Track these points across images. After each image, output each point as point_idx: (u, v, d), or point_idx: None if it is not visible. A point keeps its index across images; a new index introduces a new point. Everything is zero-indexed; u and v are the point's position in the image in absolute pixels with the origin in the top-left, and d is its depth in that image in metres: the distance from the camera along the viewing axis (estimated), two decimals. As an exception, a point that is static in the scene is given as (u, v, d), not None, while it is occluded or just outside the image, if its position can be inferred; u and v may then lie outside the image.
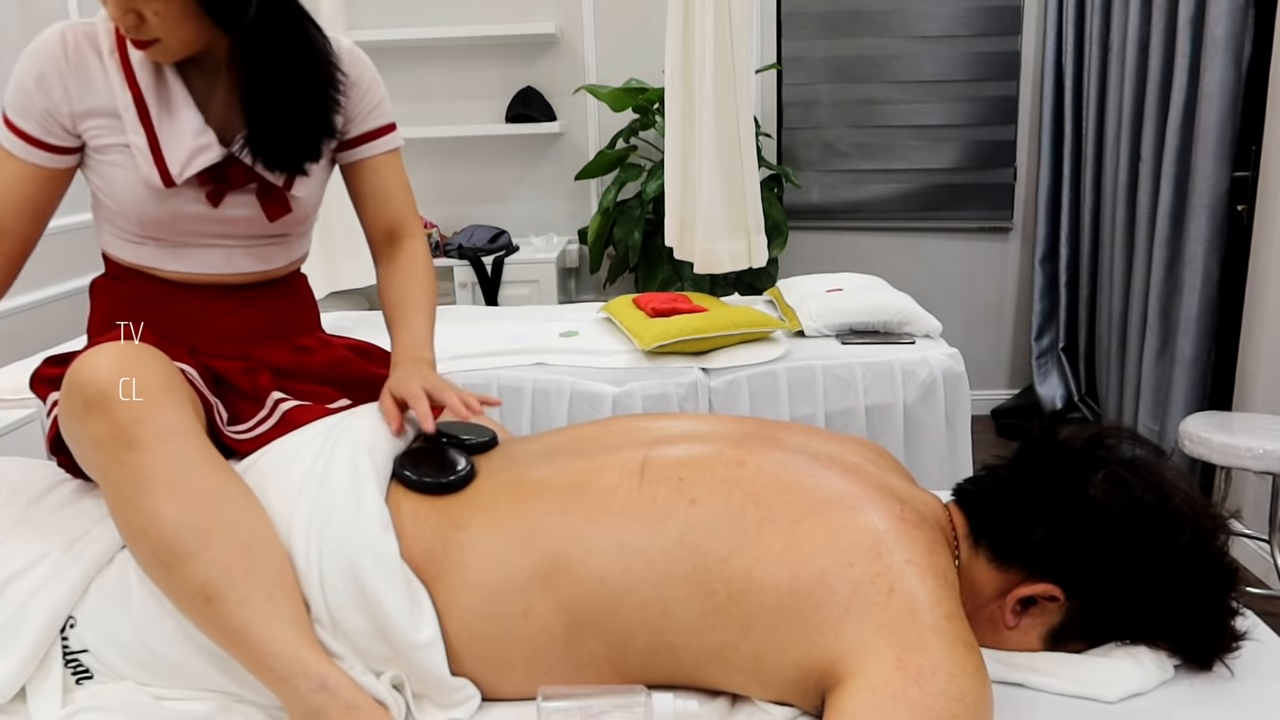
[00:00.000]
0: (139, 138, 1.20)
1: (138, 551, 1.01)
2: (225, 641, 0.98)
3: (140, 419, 1.00)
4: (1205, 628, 1.02)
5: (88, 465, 1.07)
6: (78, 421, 1.02)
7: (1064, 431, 1.06)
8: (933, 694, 0.84)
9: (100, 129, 1.21)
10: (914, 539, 0.94)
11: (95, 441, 1.00)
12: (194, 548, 0.98)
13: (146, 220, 1.24)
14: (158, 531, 0.98)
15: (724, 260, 2.85)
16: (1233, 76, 2.68)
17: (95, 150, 1.22)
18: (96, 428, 1.00)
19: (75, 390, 1.02)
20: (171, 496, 0.99)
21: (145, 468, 0.99)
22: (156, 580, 1.01)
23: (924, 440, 2.39)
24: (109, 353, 1.04)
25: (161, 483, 0.99)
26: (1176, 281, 2.95)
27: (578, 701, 0.91)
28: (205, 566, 0.97)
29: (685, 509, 0.97)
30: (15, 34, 2.87)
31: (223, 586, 0.97)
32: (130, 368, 1.03)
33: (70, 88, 1.19)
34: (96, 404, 1.00)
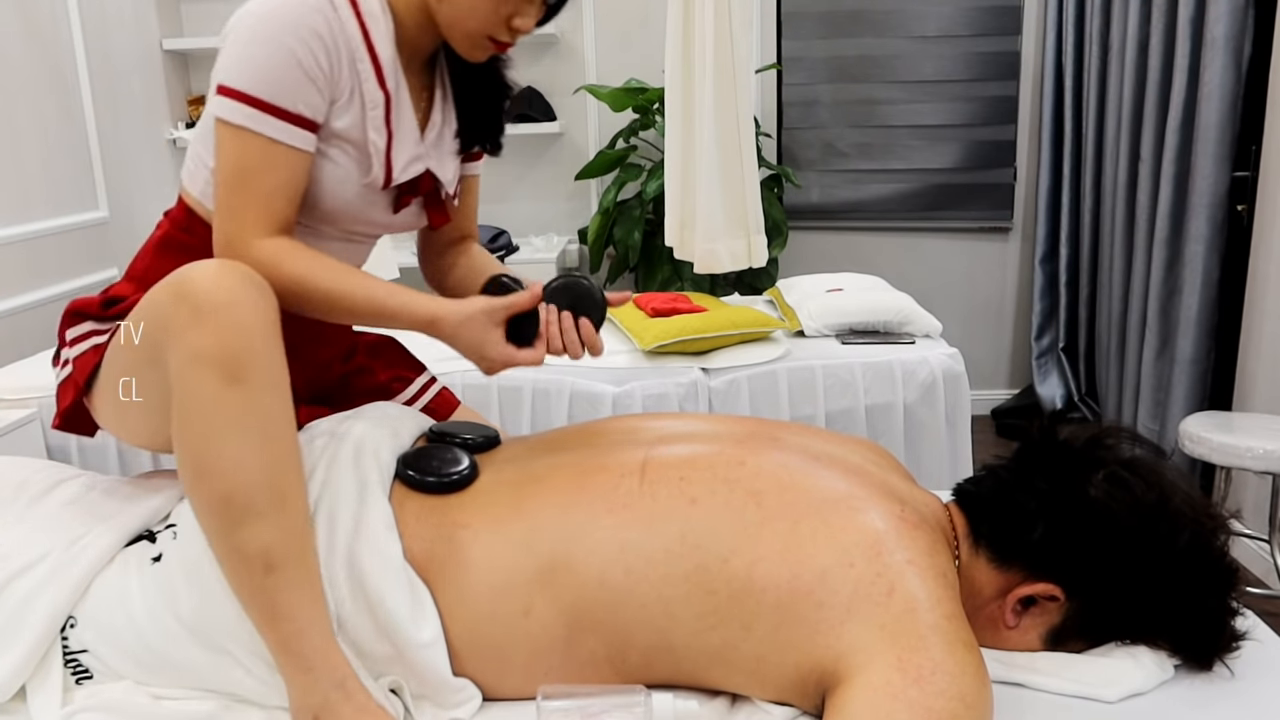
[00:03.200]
0: (380, 137, 1.14)
1: (204, 494, 0.94)
2: (264, 615, 0.95)
3: (253, 352, 0.93)
4: (1205, 627, 1.02)
5: (161, 383, 0.99)
6: (180, 330, 0.93)
7: (1064, 431, 1.06)
8: (933, 694, 0.84)
9: (338, 116, 1.12)
10: (914, 539, 0.94)
11: (194, 356, 0.92)
12: (267, 508, 0.94)
13: (322, 212, 1.16)
14: (237, 480, 0.93)
15: (724, 260, 2.85)
16: (1233, 76, 2.68)
17: (319, 136, 1.12)
18: (203, 342, 0.92)
19: (187, 295, 0.93)
20: (262, 447, 0.94)
21: (243, 407, 0.93)
22: (213, 530, 0.95)
23: (924, 440, 2.39)
24: (236, 270, 0.96)
25: (255, 429, 0.94)
26: (1176, 281, 2.95)
27: (577, 701, 0.91)
28: (275, 531, 0.94)
29: (686, 509, 0.97)
30: (15, 34, 2.87)
31: (285, 558, 0.94)
32: (253, 295, 0.95)
33: (333, 68, 1.08)
34: (212, 316, 0.92)
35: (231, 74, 1.05)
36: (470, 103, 1.26)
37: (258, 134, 1.06)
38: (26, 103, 2.90)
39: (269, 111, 1.06)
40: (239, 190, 1.07)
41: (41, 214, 2.96)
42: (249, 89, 1.05)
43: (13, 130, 2.84)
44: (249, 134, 1.06)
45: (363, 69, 1.11)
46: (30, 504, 1.19)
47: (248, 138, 1.06)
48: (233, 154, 1.07)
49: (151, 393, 1.05)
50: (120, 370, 1.08)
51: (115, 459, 2.25)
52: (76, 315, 1.18)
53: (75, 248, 3.10)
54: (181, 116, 3.84)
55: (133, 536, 1.09)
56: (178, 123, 3.79)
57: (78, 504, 1.18)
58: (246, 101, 1.05)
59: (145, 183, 3.56)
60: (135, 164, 3.49)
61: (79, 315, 1.18)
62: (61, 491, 1.22)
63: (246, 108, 1.05)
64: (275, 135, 1.07)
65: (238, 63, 1.05)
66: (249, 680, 1.00)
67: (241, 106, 1.05)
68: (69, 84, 3.12)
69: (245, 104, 1.05)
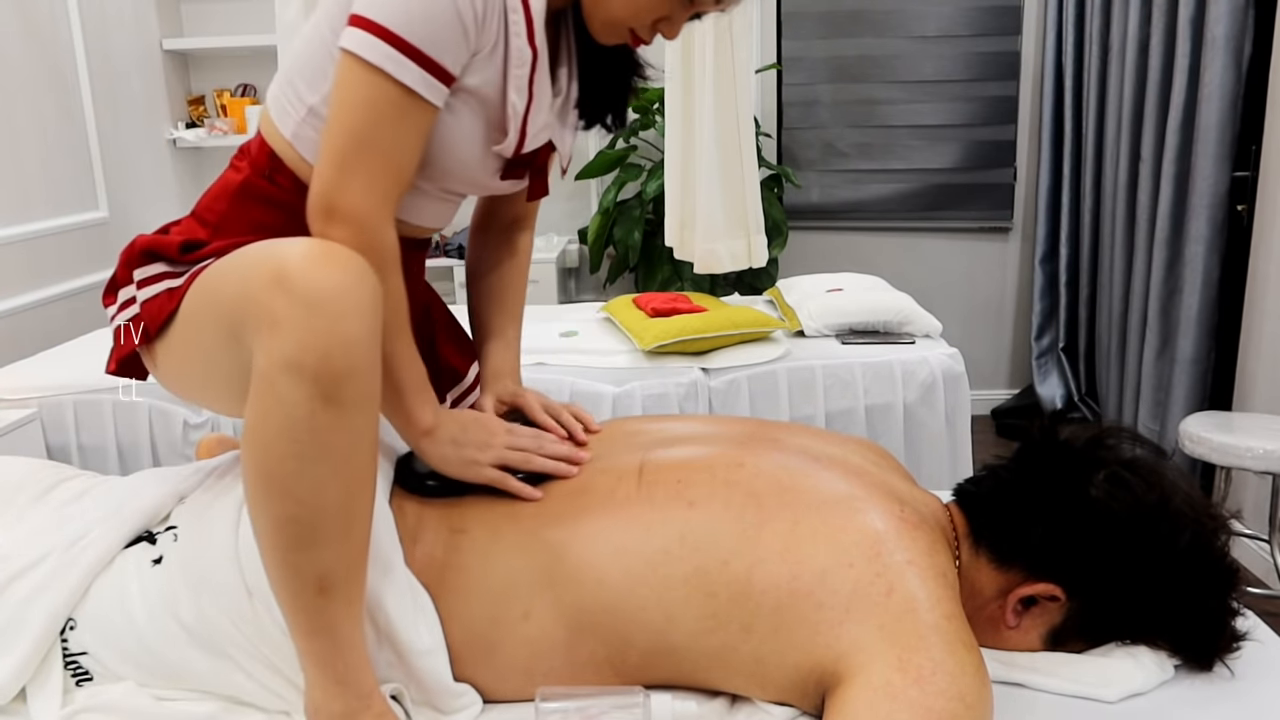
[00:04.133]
0: (520, 99, 1.02)
1: (271, 512, 0.87)
2: (306, 630, 0.91)
3: (356, 372, 0.84)
4: (1206, 628, 1.02)
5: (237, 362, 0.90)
6: (274, 327, 0.83)
7: (1065, 432, 1.06)
8: (933, 694, 0.84)
9: (473, 72, 1.00)
10: (914, 539, 0.94)
11: (290, 365, 0.82)
12: (335, 535, 0.88)
13: (432, 169, 1.06)
14: (311, 505, 0.86)
15: (724, 260, 2.85)
16: (1233, 76, 2.68)
17: (452, 91, 1.01)
18: (302, 354, 0.82)
19: (290, 287, 0.82)
20: (343, 473, 0.87)
21: (333, 429, 0.85)
22: (273, 546, 0.89)
23: (924, 440, 2.39)
24: (350, 265, 0.85)
25: (340, 454, 0.86)
26: (1176, 281, 2.95)
27: (576, 702, 0.90)
28: (336, 557, 0.89)
29: (684, 511, 0.97)
30: (15, 34, 2.87)
31: (340, 581, 0.90)
32: (365, 299, 0.85)
33: (485, 17, 0.96)
34: (317, 322, 0.82)
35: (381, 7, 0.92)
36: (599, 74, 1.15)
37: (395, 80, 0.93)
38: (26, 103, 2.90)
39: (412, 57, 0.93)
40: (361, 142, 0.95)
41: (41, 214, 2.96)
42: (395, 25, 0.92)
43: (13, 130, 2.84)
44: (385, 78, 0.93)
45: (514, 21, 0.98)
46: (30, 504, 1.19)
47: (382, 82, 0.93)
48: (362, 97, 0.94)
49: (223, 365, 0.96)
50: (195, 331, 0.98)
51: (115, 459, 2.25)
52: (148, 254, 1.05)
53: (75, 248, 3.10)
54: (181, 116, 3.84)
55: (133, 537, 1.08)
56: (178, 123, 3.79)
57: (78, 504, 1.17)
58: (389, 40, 0.92)
59: (145, 183, 3.56)
60: (135, 164, 3.49)
61: (151, 255, 1.05)
62: (61, 492, 1.22)
63: (387, 47, 0.92)
64: (413, 85, 0.94)
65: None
66: (249, 684, 1.00)
67: (381, 44, 0.92)
68: (69, 84, 3.12)
69: (387, 42, 0.92)
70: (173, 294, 1.01)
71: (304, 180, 1.05)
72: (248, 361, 0.88)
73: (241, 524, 1.03)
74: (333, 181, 0.96)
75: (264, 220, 1.07)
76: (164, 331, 1.02)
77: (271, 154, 1.07)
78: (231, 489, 1.07)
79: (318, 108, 1.03)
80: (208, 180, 4.00)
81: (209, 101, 3.92)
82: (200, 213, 1.11)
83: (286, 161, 1.06)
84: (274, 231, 1.01)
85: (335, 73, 0.96)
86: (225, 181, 1.10)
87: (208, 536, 1.03)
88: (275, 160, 1.07)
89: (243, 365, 0.89)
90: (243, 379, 0.90)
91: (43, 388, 2.25)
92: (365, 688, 0.94)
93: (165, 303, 1.01)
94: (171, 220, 1.15)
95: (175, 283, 1.02)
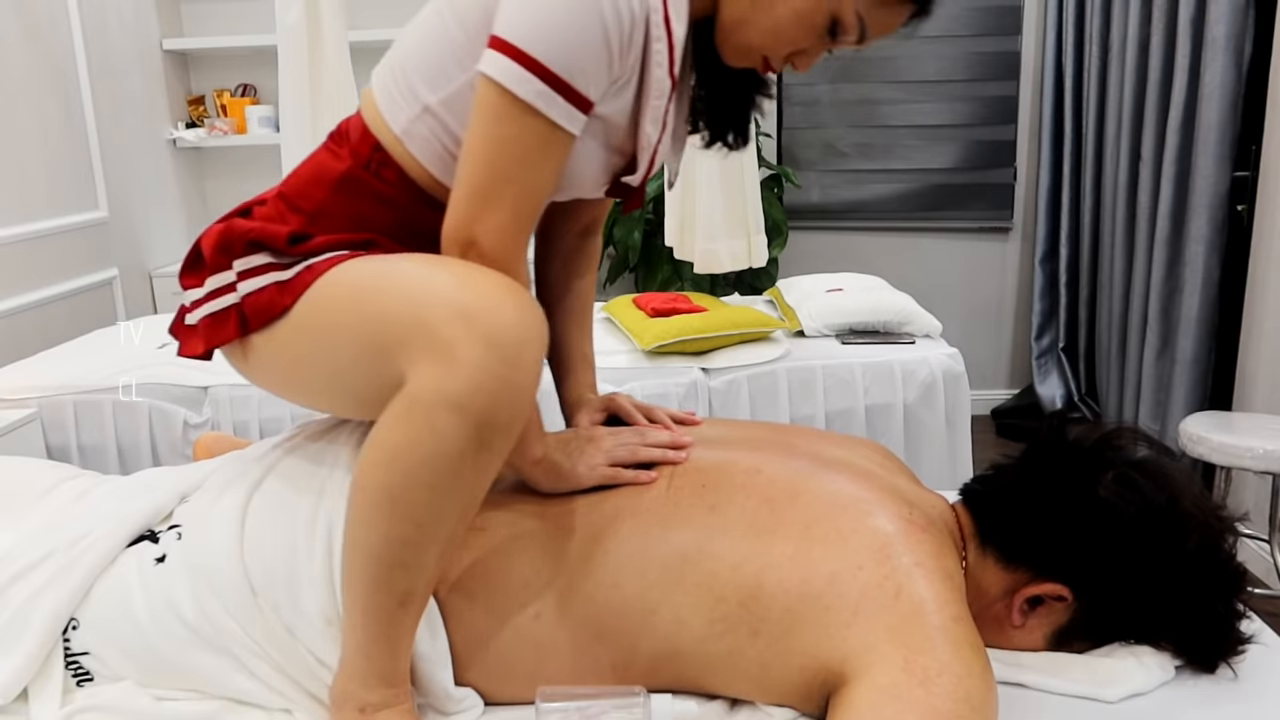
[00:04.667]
0: (655, 131, 1.00)
1: (384, 528, 0.87)
2: (373, 634, 0.92)
3: (512, 424, 0.84)
4: (1212, 630, 1.02)
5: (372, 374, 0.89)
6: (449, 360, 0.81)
7: (1073, 432, 1.06)
8: (939, 695, 0.84)
9: (607, 100, 0.96)
10: (922, 542, 0.94)
11: (455, 405, 0.81)
12: (434, 559, 0.90)
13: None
14: (428, 533, 0.87)
15: (724, 260, 2.85)
16: (1233, 76, 2.68)
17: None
18: (474, 398, 0.81)
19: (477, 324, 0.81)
20: (464, 509, 0.88)
21: (476, 471, 0.85)
22: (372, 556, 0.88)
23: (924, 440, 2.39)
24: (535, 311, 0.85)
25: (469, 492, 0.87)
26: (1177, 281, 2.95)
27: (576, 703, 0.90)
28: (427, 577, 0.91)
29: (704, 516, 0.98)
30: (15, 34, 2.87)
31: (420, 596, 0.92)
32: (539, 349, 0.85)
33: (629, 45, 0.92)
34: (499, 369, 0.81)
35: (530, 34, 0.88)
36: (724, 93, 1.10)
37: (544, 116, 0.90)
38: (26, 103, 2.90)
39: (561, 91, 0.89)
40: (505, 177, 0.92)
41: (41, 214, 2.96)
42: (549, 60, 0.88)
43: (13, 130, 2.84)
44: (533, 115, 0.90)
45: (657, 50, 0.94)
46: (31, 504, 1.19)
47: (531, 119, 0.90)
48: (508, 133, 0.91)
49: (351, 374, 0.93)
50: (322, 335, 0.94)
51: (115, 459, 2.25)
52: (253, 245, 1.00)
53: (75, 248, 3.10)
54: (181, 116, 3.83)
55: (135, 537, 1.08)
56: (178, 123, 3.79)
57: (79, 504, 1.17)
58: (539, 74, 0.88)
59: (145, 183, 3.56)
60: (135, 164, 3.49)
61: (255, 245, 1.00)
62: (63, 492, 1.22)
63: (539, 82, 0.88)
64: (560, 121, 0.91)
65: (540, 21, 0.87)
66: (251, 683, 1.00)
67: (532, 79, 0.88)
68: (69, 84, 3.12)
69: (538, 76, 0.88)
70: (283, 288, 0.97)
71: (411, 177, 1.02)
72: (389, 379, 0.87)
73: (246, 521, 1.03)
74: (472, 216, 0.93)
75: (367, 214, 1.03)
76: (271, 327, 0.98)
77: (376, 145, 1.03)
78: (235, 487, 1.07)
79: (435, 108, 0.99)
80: (208, 180, 4.00)
81: (209, 101, 3.91)
82: (291, 197, 1.05)
83: (394, 156, 1.02)
84: (377, 227, 1.00)
85: (476, 96, 0.92)
86: (321, 167, 1.05)
87: (211, 534, 1.03)
88: (381, 153, 1.02)
89: (379, 380, 0.88)
90: (371, 391, 0.90)
91: (43, 388, 2.25)
92: (401, 681, 0.95)
93: (276, 297, 0.97)
94: (251, 199, 1.09)
95: (283, 276, 0.98)
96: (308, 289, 0.95)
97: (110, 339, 2.66)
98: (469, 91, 0.96)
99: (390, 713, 0.94)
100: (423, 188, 1.03)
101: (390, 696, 0.94)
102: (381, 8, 3.83)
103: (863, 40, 0.98)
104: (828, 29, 0.96)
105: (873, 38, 0.98)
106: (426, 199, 1.03)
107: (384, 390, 0.88)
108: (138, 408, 2.23)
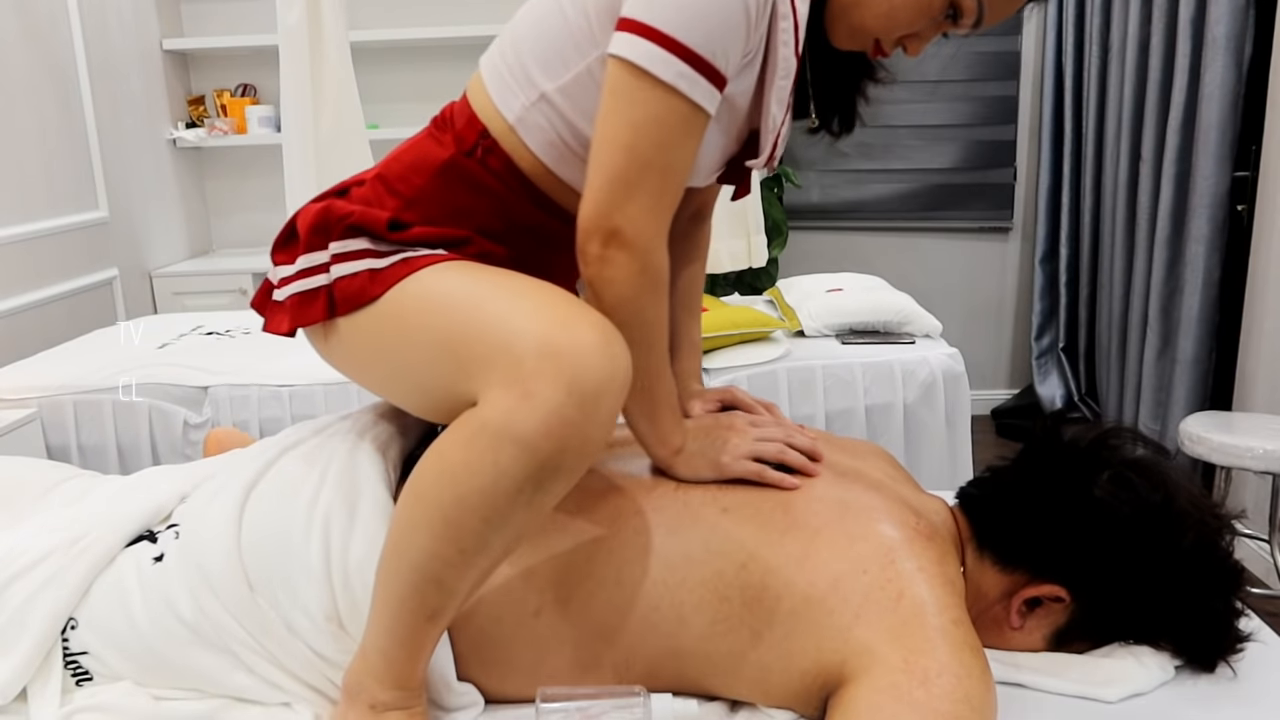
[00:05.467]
0: (780, 111, 0.96)
1: (428, 549, 0.86)
2: (399, 640, 0.91)
3: (575, 472, 0.83)
4: (1210, 628, 1.02)
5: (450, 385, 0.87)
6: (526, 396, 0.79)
7: (1068, 432, 1.06)
8: (938, 696, 0.84)
9: (734, 79, 0.93)
10: (926, 549, 0.95)
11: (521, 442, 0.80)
12: (472, 583, 0.89)
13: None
14: (470, 559, 0.86)
15: (724, 260, 2.85)
16: (1233, 76, 2.68)
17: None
18: (542, 440, 0.79)
19: (566, 370, 0.79)
20: (509, 543, 0.87)
21: (531, 509, 0.84)
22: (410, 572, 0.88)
23: (924, 440, 2.39)
24: (624, 363, 0.83)
25: (516, 529, 0.85)
26: (1177, 281, 2.95)
27: (576, 703, 0.90)
28: (456, 601, 0.90)
29: (716, 517, 0.98)
30: (15, 34, 2.87)
31: (448, 616, 0.92)
32: (616, 402, 0.82)
33: (756, 22, 0.89)
34: (574, 419, 0.79)
35: (667, 14, 0.85)
36: (833, 77, 1.06)
37: (685, 97, 0.87)
38: (26, 103, 2.90)
39: (702, 70, 0.87)
40: (646, 162, 0.88)
41: (41, 214, 2.96)
42: (690, 39, 0.85)
43: (13, 130, 2.84)
44: (675, 95, 0.87)
45: (784, 29, 0.91)
46: (30, 504, 1.19)
47: (673, 100, 0.87)
48: (649, 115, 0.87)
49: (425, 378, 0.92)
50: (407, 333, 0.92)
51: (115, 459, 2.25)
52: (352, 229, 0.98)
53: (75, 248, 3.10)
54: (181, 116, 3.83)
55: (133, 537, 1.08)
56: (178, 123, 3.79)
57: (78, 504, 1.17)
58: (679, 54, 0.85)
59: (145, 183, 3.56)
60: (135, 164, 3.49)
61: (355, 229, 0.98)
62: (62, 491, 1.22)
63: (679, 62, 0.85)
64: (702, 101, 0.88)
65: (678, 1, 0.85)
66: (250, 680, 1.00)
67: (672, 59, 0.85)
68: (69, 84, 3.12)
69: (678, 56, 0.85)
70: (375, 277, 0.95)
71: (519, 166, 1.00)
72: (464, 393, 0.86)
73: (244, 519, 1.03)
74: (613, 204, 0.89)
75: (468, 205, 1.00)
76: (356, 314, 0.96)
77: (484, 132, 0.99)
78: (233, 486, 1.07)
79: (552, 96, 0.96)
80: (208, 180, 4.00)
81: (209, 101, 3.91)
82: (391, 181, 1.02)
83: (503, 144, 0.99)
84: (477, 218, 0.98)
85: (609, 80, 0.89)
86: (423, 152, 1.02)
87: (208, 532, 1.03)
88: (488, 140, 0.99)
89: (454, 391, 0.87)
90: (444, 398, 0.89)
91: (43, 388, 2.25)
92: (416, 685, 0.95)
93: (367, 285, 0.95)
94: (349, 179, 1.07)
95: (378, 264, 0.95)
96: (400, 282, 0.93)
97: (110, 339, 2.66)
98: (587, 78, 0.94)
99: (402, 714, 0.94)
100: (529, 178, 1.01)
101: (403, 698, 0.94)
102: (382, 8, 3.83)
103: (979, 24, 0.95)
104: (946, 12, 0.94)
105: (989, 22, 0.95)
106: (531, 191, 1.01)
107: (457, 402, 0.87)
108: (138, 408, 2.23)
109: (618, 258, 0.91)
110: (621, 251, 0.91)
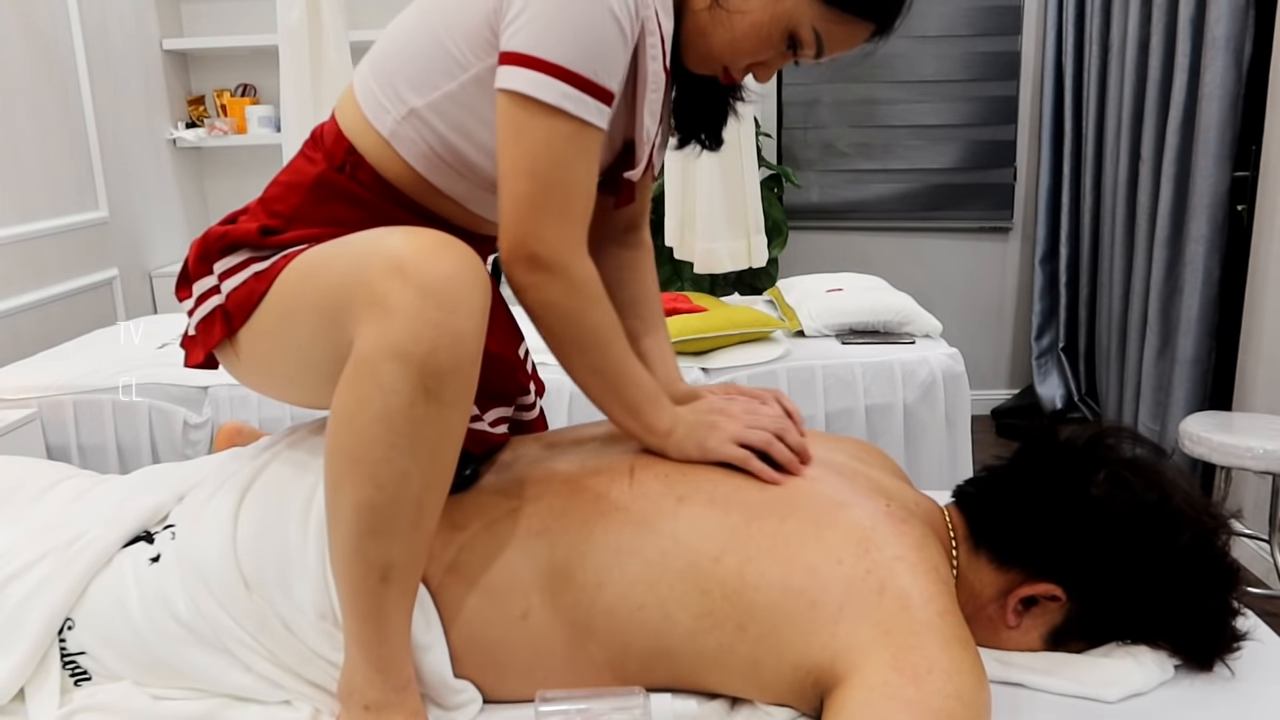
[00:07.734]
0: (653, 124, 1.01)
1: (351, 494, 0.88)
2: (360, 614, 0.92)
3: (460, 371, 0.84)
4: (1206, 627, 1.02)
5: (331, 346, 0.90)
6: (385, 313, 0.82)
7: (1064, 431, 1.06)
8: (930, 693, 0.84)
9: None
10: (901, 533, 0.94)
11: (396, 354, 0.82)
12: (408, 525, 0.89)
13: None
14: (394, 494, 0.87)
15: (724, 260, 2.85)
16: (1233, 76, 2.68)
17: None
18: (413, 345, 0.81)
19: (410, 275, 0.81)
20: (427, 466, 0.87)
21: (428, 423, 0.85)
22: (345, 527, 0.89)
23: (924, 440, 2.39)
24: (468, 260, 0.85)
25: (428, 448, 0.86)
26: (1177, 281, 2.95)
27: (576, 704, 0.90)
28: (404, 547, 0.90)
29: (674, 507, 0.98)
30: (15, 34, 2.87)
31: (401, 571, 0.91)
32: (479, 297, 0.84)
33: (629, 38, 0.93)
34: (433, 315, 0.81)
35: (542, 41, 0.90)
36: (696, 96, 1.12)
37: (574, 117, 0.92)
38: (26, 103, 2.90)
39: (587, 90, 0.91)
40: (549, 184, 0.93)
41: (41, 214, 2.96)
42: (569, 61, 0.90)
43: (13, 130, 2.84)
44: (564, 117, 0.91)
45: (652, 44, 0.96)
46: (29, 504, 1.19)
47: (562, 122, 0.92)
48: (542, 139, 0.92)
49: (315, 352, 0.95)
50: (288, 315, 0.96)
51: (115, 459, 2.25)
52: (228, 246, 1.03)
53: (75, 248, 3.10)
54: (181, 116, 3.84)
55: (131, 537, 1.08)
56: (178, 123, 3.79)
57: (76, 504, 1.17)
58: (564, 78, 0.90)
59: (145, 183, 3.56)
60: (135, 164, 3.49)
61: (231, 246, 1.03)
62: (60, 491, 1.22)
63: (564, 85, 0.90)
64: (590, 118, 0.92)
65: (550, 26, 0.89)
66: (247, 678, 1.00)
67: (557, 84, 0.90)
68: (69, 84, 3.12)
69: (563, 80, 0.90)
70: (260, 276, 0.99)
71: (387, 178, 1.04)
72: (344, 350, 0.88)
73: (239, 518, 1.03)
74: (526, 230, 0.94)
75: (341, 216, 1.04)
76: (250, 319, 1.00)
77: (350, 148, 1.04)
78: (229, 485, 1.07)
79: (421, 111, 1.00)
80: (208, 180, 4.00)
81: (209, 101, 3.92)
82: (270, 202, 1.07)
83: (369, 158, 1.04)
84: (352, 227, 0.99)
85: (501, 114, 0.94)
86: (297, 172, 1.07)
87: (204, 531, 1.03)
88: (354, 155, 1.04)
89: (337, 353, 0.89)
90: (334, 368, 0.90)
91: (43, 388, 2.25)
92: (402, 680, 0.95)
93: (254, 285, 0.99)
94: (236, 210, 1.12)
95: (261, 266, 1.00)
96: (282, 272, 0.97)
97: (110, 339, 2.66)
98: (458, 95, 0.99)
99: (397, 714, 0.94)
100: (398, 187, 1.05)
101: (393, 698, 0.94)
102: (382, 8, 3.83)
103: (820, 55, 1.00)
104: (785, 43, 0.99)
105: (831, 53, 1.00)
106: (399, 198, 1.06)
107: (344, 364, 0.88)
108: (137, 408, 2.23)
109: (542, 280, 0.96)
110: (543, 274, 0.95)
